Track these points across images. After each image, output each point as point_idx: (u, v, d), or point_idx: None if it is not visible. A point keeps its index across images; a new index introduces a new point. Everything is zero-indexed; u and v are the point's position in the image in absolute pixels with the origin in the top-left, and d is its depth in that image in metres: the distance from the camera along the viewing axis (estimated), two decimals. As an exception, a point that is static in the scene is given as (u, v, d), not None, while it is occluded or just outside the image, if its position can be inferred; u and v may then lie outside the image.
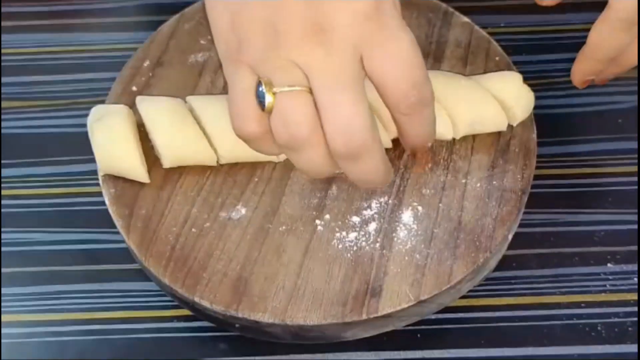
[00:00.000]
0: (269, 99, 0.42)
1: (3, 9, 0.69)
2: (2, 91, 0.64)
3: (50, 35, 0.68)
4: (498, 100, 0.54)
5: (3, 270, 0.56)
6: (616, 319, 0.52)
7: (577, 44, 0.52)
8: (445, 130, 0.54)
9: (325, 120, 0.42)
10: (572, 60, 0.64)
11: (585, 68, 0.53)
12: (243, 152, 0.54)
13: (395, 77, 0.42)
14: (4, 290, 0.55)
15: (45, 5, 0.70)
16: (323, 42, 0.41)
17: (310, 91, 0.42)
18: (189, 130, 0.53)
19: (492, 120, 0.54)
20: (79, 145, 0.57)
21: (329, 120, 0.42)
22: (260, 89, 0.42)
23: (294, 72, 0.42)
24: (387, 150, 0.54)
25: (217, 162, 0.54)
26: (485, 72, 0.57)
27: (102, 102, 0.57)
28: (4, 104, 0.63)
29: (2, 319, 0.53)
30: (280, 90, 0.42)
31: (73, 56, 0.66)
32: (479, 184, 0.53)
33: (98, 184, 0.54)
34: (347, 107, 0.41)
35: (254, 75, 0.43)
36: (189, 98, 0.56)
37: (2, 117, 0.63)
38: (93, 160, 0.53)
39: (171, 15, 0.62)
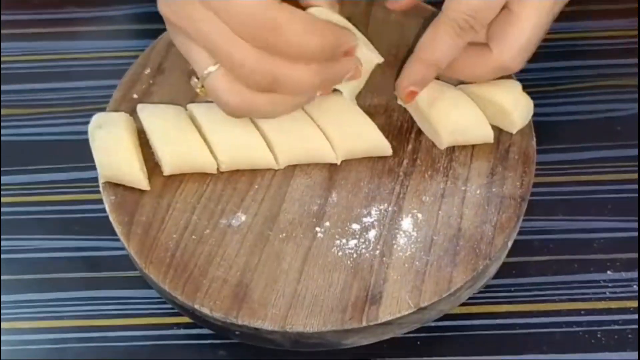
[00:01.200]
0: (199, 91, 0.49)
1: (4, 17, 0.69)
2: (2, 98, 0.64)
3: (50, 43, 0.68)
4: (497, 107, 0.54)
5: (3, 277, 0.56)
6: (616, 327, 0.52)
7: (576, 52, 0.52)
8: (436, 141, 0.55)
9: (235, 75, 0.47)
10: (571, 67, 0.65)
11: (414, 71, 0.52)
12: (243, 160, 0.54)
13: None
14: (4, 297, 0.55)
15: (46, 13, 0.70)
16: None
17: None
18: (189, 138, 0.53)
19: (476, 130, 0.54)
20: (80, 153, 0.57)
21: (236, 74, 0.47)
22: (193, 83, 0.49)
23: (200, 55, 0.47)
24: (386, 157, 0.55)
25: (217, 169, 0.54)
26: (484, 79, 0.57)
27: (103, 109, 0.57)
28: (5, 111, 0.64)
29: (2, 326, 0.53)
30: (203, 79, 0.48)
31: (74, 64, 0.66)
32: (478, 191, 0.53)
33: (98, 191, 0.54)
34: (240, 59, 0.46)
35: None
36: (190, 105, 0.56)
37: (3, 124, 0.63)
38: (94, 168, 0.53)
39: (172, 23, 0.62)
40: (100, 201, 0.54)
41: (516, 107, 0.54)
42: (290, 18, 0.45)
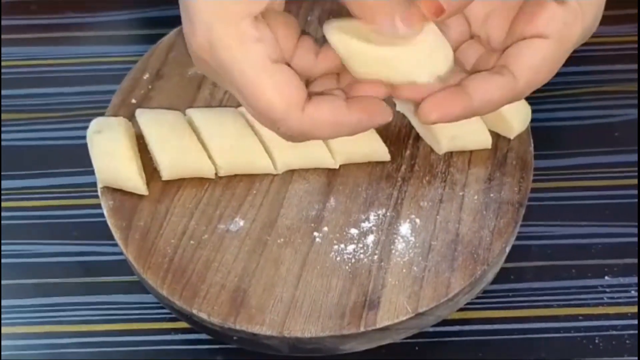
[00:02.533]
0: None
1: (3, 22, 0.69)
2: (2, 103, 0.64)
3: (50, 47, 0.68)
4: (495, 113, 0.54)
5: (2, 282, 0.56)
6: (614, 332, 0.53)
7: (574, 58, 0.52)
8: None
9: None
10: (569, 73, 0.65)
11: (455, 113, 0.46)
12: (241, 165, 0.54)
13: None
14: (3, 302, 0.55)
15: (45, 18, 0.70)
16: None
17: None
18: (187, 143, 0.54)
19: (474, 136, 0.54)
20: (79, 157, 0.57)
21: None
22: None
23: None
24: (384, 163, 0.55)
25: (216, 174, 0.54)
26: (482, 85, 0.57)
27: (102, 114, 0.57)
28: (4, 116, 0.64)
29: (2, 331, 0.54)
30: None
31: (73, 68, 0.66)
32: (476, 197, 0.53)
33: (97, 196, 0.54)
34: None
35: None
36: (188, 110, 0.56)
37: (2, 129, 0.63)
38: (92, 172, 0.53)
39: (171, 29, 0.62)
40: (98, 206, 0.54)
41: (514, 112, 0.54)
42: (314, 125, 0.44)
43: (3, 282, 0.56)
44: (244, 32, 0.43)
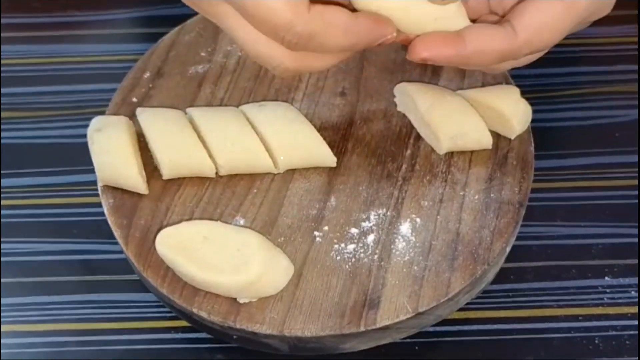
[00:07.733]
0: None
1: (4, 20, 0.69)
2: (2, 101, 0.64)
3: (50, 46, 0.68)
4: (496, 113, 0.54)
5: (3, 280, 0.56)
6: (614, 332, 0.53)
7: (575, 58, 0.53)
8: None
9: None
10: (570, 74, 0.65)
11: (444, 54, 0.46)
12: (242, 164, 0.54)
13: None
14: (3, 301, 0.55)
15: (46, 16, 0.70)
16: None
17: None
18: (188, 142, 0.54)
19: (475, 135, 0.54)
20: (79, 156, 0.58)
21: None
22: None
23: None
24: (385, 162, 0.55)
25: (216, 173, 0.54)
26: (483, 85, 0.57)
27: (103, 112, 0.57)
28: (5, 114, 0.64)
29: (2, 329, 0.53)
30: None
31: (73, 67, 0.66)
32: (476, 197, 0.53)
33: (97, 195, 0.54)
34: None
35: None
36: (189, 109, 0.56)
37: (3, 127, 0.63)
38: (93, 171, 0.53)
39: (171, 27, 0.62)
40: (99, 204, 0.54)
41: (515, 112, 0.54)
42: (325, 26, 0.43)
43: (3, 280, 0.56)
44: None
